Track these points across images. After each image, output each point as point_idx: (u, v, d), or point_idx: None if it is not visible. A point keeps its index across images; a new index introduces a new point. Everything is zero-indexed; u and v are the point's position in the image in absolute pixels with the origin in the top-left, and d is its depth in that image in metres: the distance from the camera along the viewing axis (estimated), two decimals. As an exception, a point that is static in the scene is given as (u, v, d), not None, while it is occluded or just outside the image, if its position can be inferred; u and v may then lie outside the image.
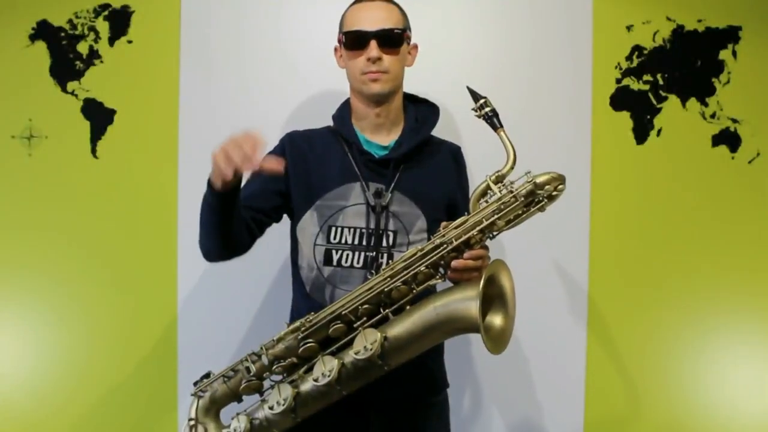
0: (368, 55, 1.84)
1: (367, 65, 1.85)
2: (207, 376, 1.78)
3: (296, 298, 1.96)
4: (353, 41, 1.86)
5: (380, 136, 1.94)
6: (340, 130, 1.93)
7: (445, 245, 1.67)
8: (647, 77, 2.48)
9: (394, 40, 1.86)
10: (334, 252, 1.86)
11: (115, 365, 2.47)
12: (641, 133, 2.48)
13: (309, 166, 1.92)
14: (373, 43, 1.84)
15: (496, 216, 1.66)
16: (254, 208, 1.89)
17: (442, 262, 1.69)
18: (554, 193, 1.65)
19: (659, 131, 2.48)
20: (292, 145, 1.96)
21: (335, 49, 1.96)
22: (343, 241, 1.86)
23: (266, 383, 1.74)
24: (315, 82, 2.35)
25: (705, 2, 2.47)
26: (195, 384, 1.78)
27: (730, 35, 2.47)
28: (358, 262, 1.85)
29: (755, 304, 2.48)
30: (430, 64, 2.32)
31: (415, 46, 1.98)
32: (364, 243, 1.85)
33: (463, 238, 1.66)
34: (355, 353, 1.62)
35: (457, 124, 2.38)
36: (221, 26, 2.45)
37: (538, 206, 1.66)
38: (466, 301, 1.62)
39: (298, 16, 2.44)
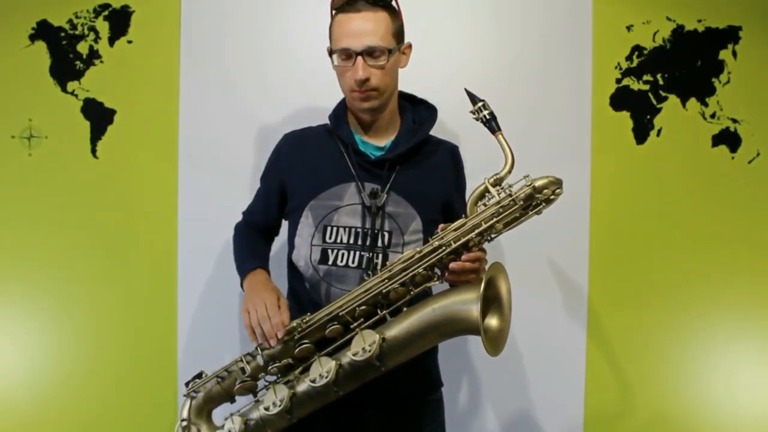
0: (355, 76, 1.81)
1: (355, 84, 1.83)
2: (199, 376, 1.78)
3: (295, 294, 1.95)
4: (340, 57, 1.84)
5: (376, 137, 1.94)
6: (336, 131, 1.93)
7: (443, 247, 1.67)
8: (647, 77, 2.47)
9: (381, 56, 1.81)
10: (329, 251, 1.86)
11: (115, 364, 2.48)
12: (641, 133, 2.48)
13: (304, 167, 1.93)
14: (359, 61, 1.80)
15: (494, 219, 1.66)
16: (264, 223, 2.06)
17: (440, 264, 1.69)
18: (552, 197, 1.66)
19: (659, 131, 2.48)
20: (288, 147, 1.99)
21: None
22: (338, 240, 1.86)
23: (259, 384, 1.74)
24: (315, 81, 2.35)
25: (705, 2, 2.46)
26: (187, 384, 1.78)
27: (730, 35, 2.47)
28: (353, 262, 1.84)
29: (755, 303, 2.48)
30: (428, 64, 2.32)
31: (409, 45, 1.93)
32: (360, 242, 1.85)
33: (462, 240, 1.67)
34: (353, 354, 1.63)
35: (455, 126, 2.38)
36: (221, 26, 2.45)
37: (536, 210, 1.67)
38: (466, 303, 1.62)
39: (297, 16, 2.44)
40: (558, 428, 2.49)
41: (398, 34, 1.87)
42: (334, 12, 1.86)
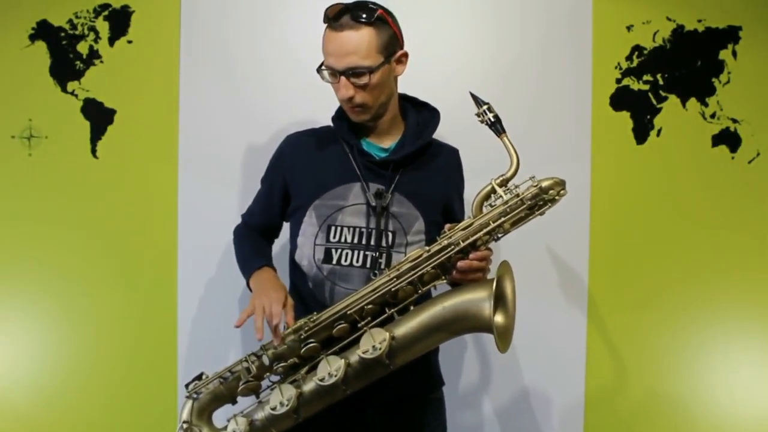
0: (340, 95, 1.84)
1: (344, 101, 1.84)
2: (199, 378, 1.78)
3: (298, 293, 1.95)
4: (328, 73, 1.84)
5: (378, 139, 1.94)
6: (340, 132, 1.94)
7: (452, 246, 1.69)
8: (647, 77, 2.48)
9: (363, 76, 1.79)
10: (333, 251, 1.87)
11: (115, 365, 2.47)
12: (641, 133, 2.49)
13: (307, 168, 1.94)
14: (343, 80, 1.80)
15: (502, 219, 1.69)
16: (265, 224, 2.06)
17: (448, 263, 1.71)
18: (556, 197, 1.70)
19: (659, 131, 2.48)
20: (291, 149, 1.99)
21: None
22: (343, 240, 1.86)
23: (261, 384, 1.74)
24: (316, 81, 2.34)
25: (705, 2, 2.47)
26: (187, 386, 1.78)
27: (730, 35, 2.47)
28: (357, 261, 1.85)
29: (755, 303, 2.49)
30: (428, 65, 2.32)
31: (405, 54, 1.89)
32: (364, 242, 1.85)
33: (471, 239, 1.69)
34: (363, 353, 1.63)
35: (454, 126, 2.38)
36: (221, 26, 2.45)
37: (540, 210, 1.70)
38: (477, 301, 1.65)
39: (298, 16, 2.43)
40: (558, 426, 2.49)
41: (387, 47, 1.82)
42: (324, 24, 1.84)
